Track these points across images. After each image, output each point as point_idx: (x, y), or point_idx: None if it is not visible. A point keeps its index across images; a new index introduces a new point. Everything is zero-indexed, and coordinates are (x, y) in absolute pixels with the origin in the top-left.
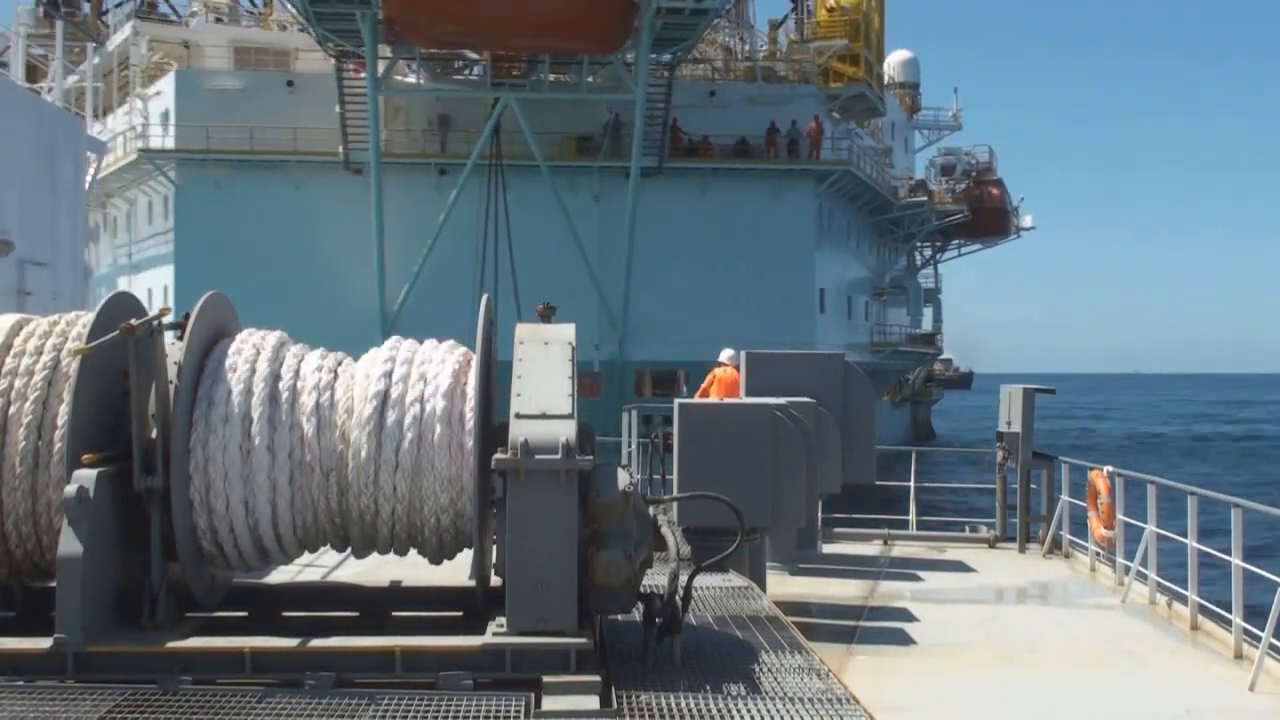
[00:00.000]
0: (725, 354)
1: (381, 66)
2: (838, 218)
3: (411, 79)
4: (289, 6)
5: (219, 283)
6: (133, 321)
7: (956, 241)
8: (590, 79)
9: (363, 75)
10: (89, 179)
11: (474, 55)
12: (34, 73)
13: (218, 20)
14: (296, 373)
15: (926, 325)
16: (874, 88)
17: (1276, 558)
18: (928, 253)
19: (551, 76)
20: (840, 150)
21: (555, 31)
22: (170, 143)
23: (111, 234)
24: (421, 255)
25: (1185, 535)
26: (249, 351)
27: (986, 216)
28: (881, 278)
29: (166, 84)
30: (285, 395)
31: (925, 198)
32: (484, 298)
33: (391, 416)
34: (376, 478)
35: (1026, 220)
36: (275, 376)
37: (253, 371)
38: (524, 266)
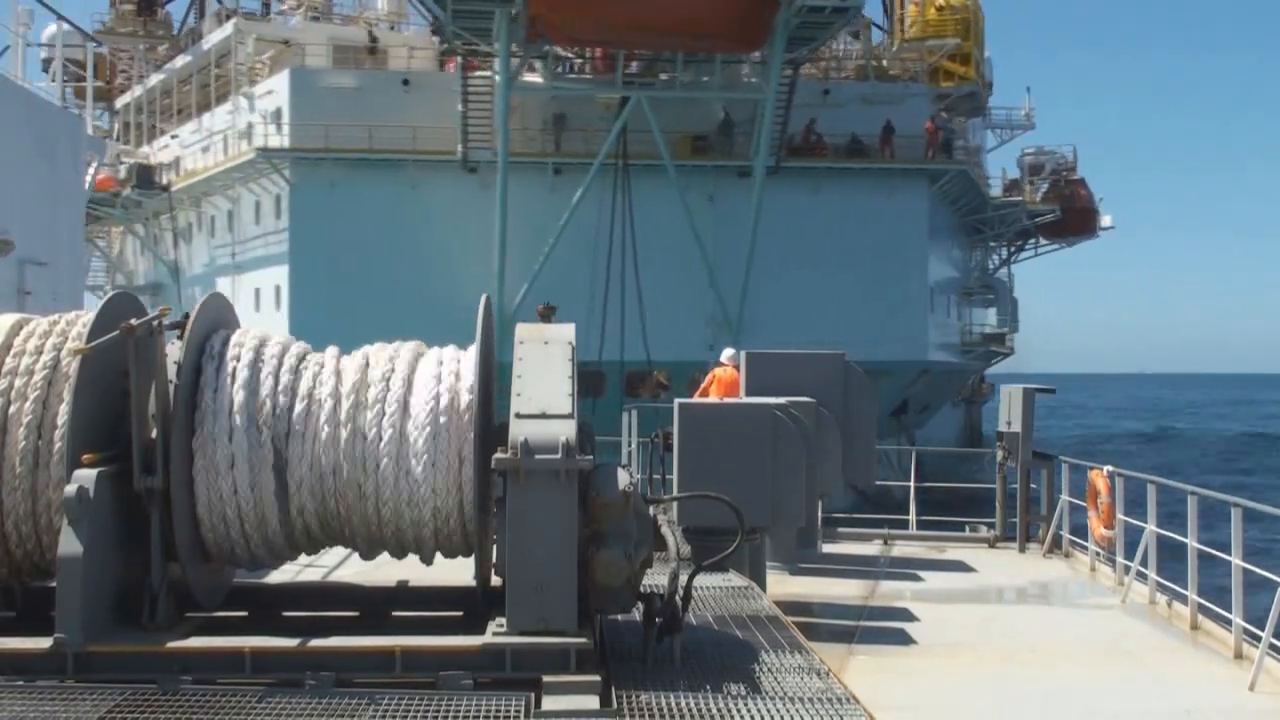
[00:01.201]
0: (726, 354)
1: (492, 65)
2: (940, 218)
3: (529, 78)
4: (420, 4)
5: (333, 283)
6: (133, 321)
7: (1035, 241)
8: (705, 79)
9: (480, 74)
10: (88, 179)
11: (579, 55)
12: (101, 71)
13: (314, 18)
14: (296, 373)
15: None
16: (981, 87)
17: (1277, 558)
18: (1003, 252)
19: (671, 76)
20: (957, 151)
21: (698, 30)
22: (281, 142)
23: (208, 233)
24: (535, 254)
25: (1185, 535)
26: (250, 351)
27: (1075, 216)
28: (967, 277)
29: (279, 83)
30: (286, 395)
31: (1021, 198)
32: (484, 297)
33: (391, 417)
34: (375, 477)
35: (1106, 220)
36: (276, 377)
37: (253, 371)
38: (642, 267)
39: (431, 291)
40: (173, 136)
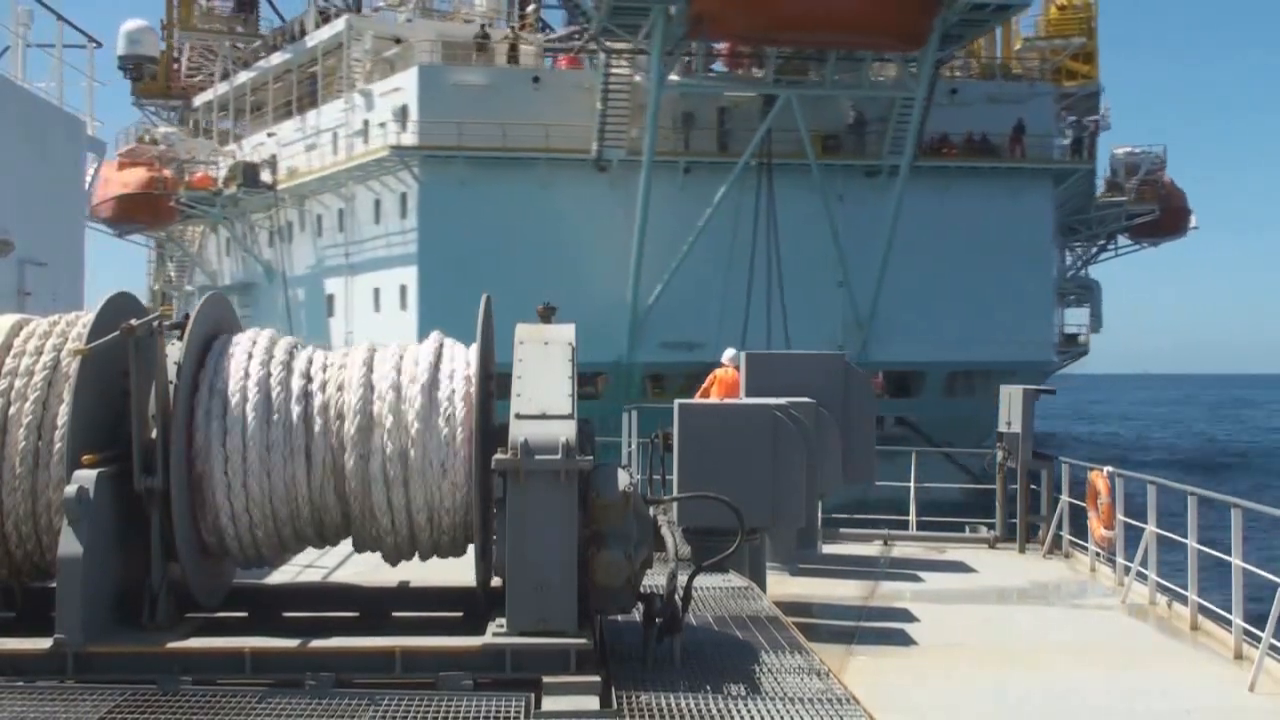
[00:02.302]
0: (727, 354)
1: (598, 62)
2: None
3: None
4: (572, 1)
5: (462, 282)
6: (133, 322)
7: (1123, 240)
8: (837, 77)
9: (619, 71)
10: (88, 178)
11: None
12: (164, 71)
13: (421, 16)
14: (296, 373)
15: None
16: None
17: (1277, 558)
18: (1083, 253)
19: (820, 74)
20: (1057, 150)
21: (862, 28)
22: (408, 139)
23: (313, 233)
24: (664, 253)
25: (1185, 535)
26: (249, 352)
27: (1170, 216)
28: (1061, 277)
29: (405, 79)
30: (285, 396)
31: (1124, 198)
32: (484, 297)
33: (391, 416)
34: (375, 477)
35: (1191, 220)
36: (275, 377)
37: (253, 372)
38: (782, 267)
39: (560, 291)
40: (269, 134)
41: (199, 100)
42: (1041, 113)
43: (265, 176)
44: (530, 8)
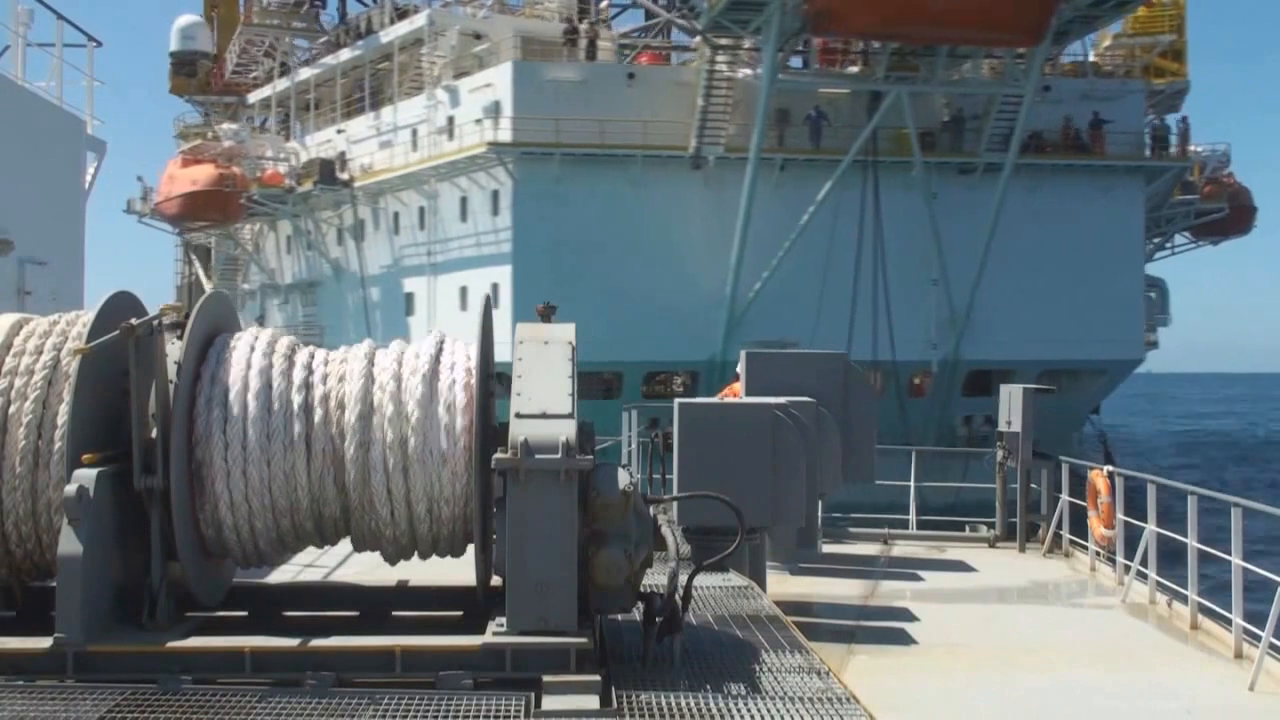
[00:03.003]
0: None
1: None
2: None
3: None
4: None
5: (557, 281)
6: (133, 321)
7: (1179, 238)
8: (939, 73)
9: (719, 68)
10: (89, 178)
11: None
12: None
13: (498, 11)
14: (296, 372)
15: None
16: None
17: (1277, 558)
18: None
19: (929, 71)
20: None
21: (983, 23)
22: (501, 136)
23: (389, 231)
24: (758, 252)
25: (1185, 535)
26: (249, 351)
27: (1237, 214)
28: None
29: (497, 75)
30: (285, 395)
31: (1196, 195)
32: (484, 297)
33: (392, 415)
34: (375, 477)
35: (1255, 219)
36: (275, 376)
37: (253, 371)
38: (859, 261)
39: (656, 290)
40: (339, 131)
41: (254, 97)
42: (1132, 110)
43: (341, 173)
44: (603, 3)
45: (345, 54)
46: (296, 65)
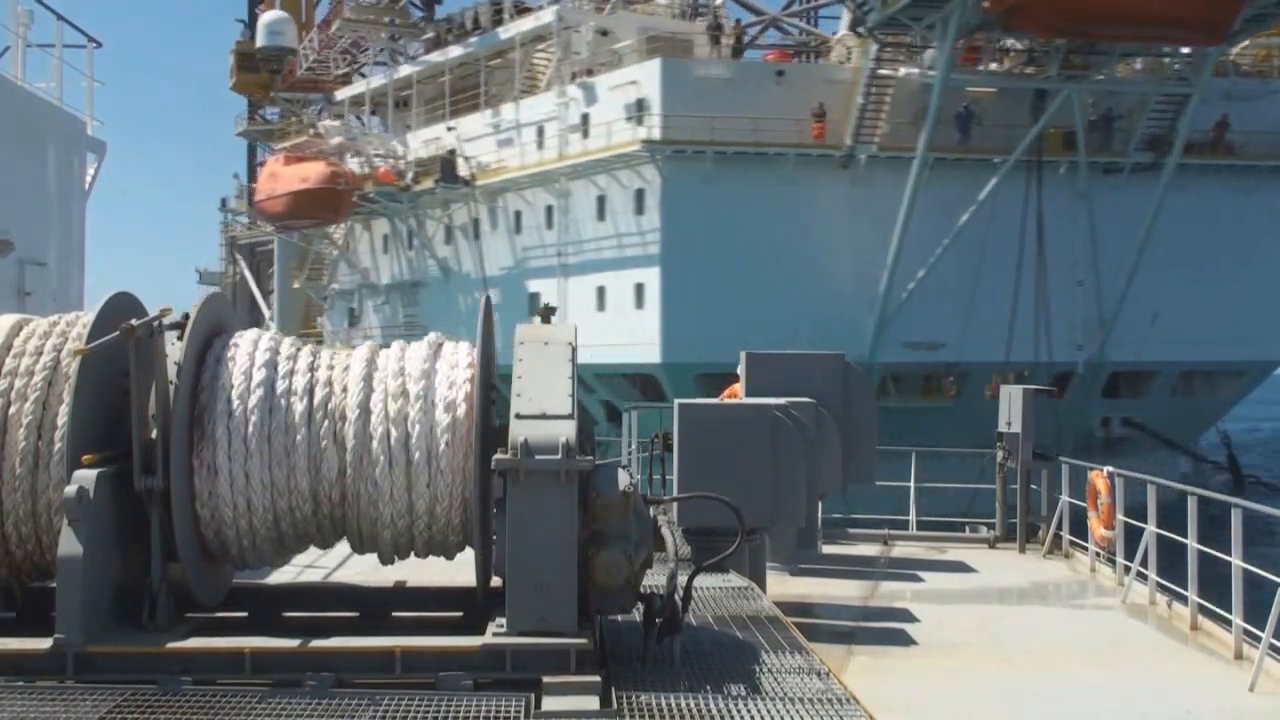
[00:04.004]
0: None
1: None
2: None
3: (907, 71)
4: None
5: (706, 281)
6: (133, 322)
7: None
8: (1103, 71)
9: (885, 66)
10: (89, 179)
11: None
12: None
13: (623, 7)
14: (296, 373)
15: None
16: None
17: (1277, 558)
18: None
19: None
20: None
21: (1173, 21)
22: (649, 134)
23: (508, 230)
24: (908, 250)
25: (1185, 535)
26: (249, 351)
27: None
28: None
29: (644, 72)
30: (285, 396)
31: None
32: (484, 298)
33: (391, 417)
34: (376, 478)
35: None
36: (275, 377)
37: (253, 372)
38: (1029, 266)
39: (803, 291)
40: (449, 128)
41: (343, 94)
42: (1274, 110)
43: (463, 171)
44: (719, 1)
45: (456, 50)
46: (396, 62)
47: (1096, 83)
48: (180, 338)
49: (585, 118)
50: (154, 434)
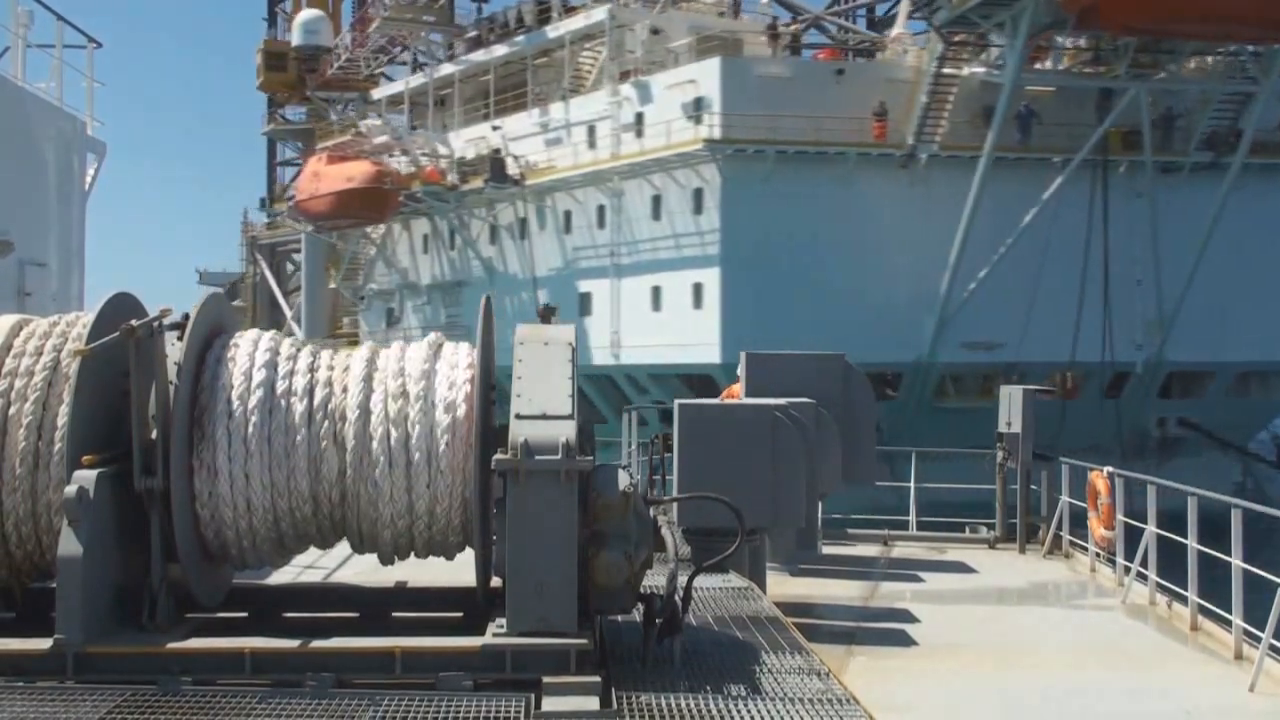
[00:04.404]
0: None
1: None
2: None
3: (970, 70)
4: None
5: (766, 281)
6: (133, 322)
7: None
8: (1164, 69)
9: (950, 65)
10: (89, 179)
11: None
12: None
13: (672, 6)
14: (296, 373)
15: None
16: None
17: (1277, 558)
18: None
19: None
20: None
21: (1259, 20)
22: (705, 133)
23: (557, 230)
24: (964, 251)
25: (1185, 535)
26: (249, 352)
27: None
28: None
29: (702, 71)
30: (285, 396)
31: None
32: (484, 298)
33: (391, 417)
34: (375, 478)
35: None
36: (275, 378)
37: (253, 372)
38: (1093, 265)
39: (862, 290)
40: (494, 127)
41: (379, 93)
42: None
43: (511, 170)
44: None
45: (501, 49)
46: (437, 60)
47: (1162, 81)
48: (180, 338)
49: (639, 117)
50: (154, 434)
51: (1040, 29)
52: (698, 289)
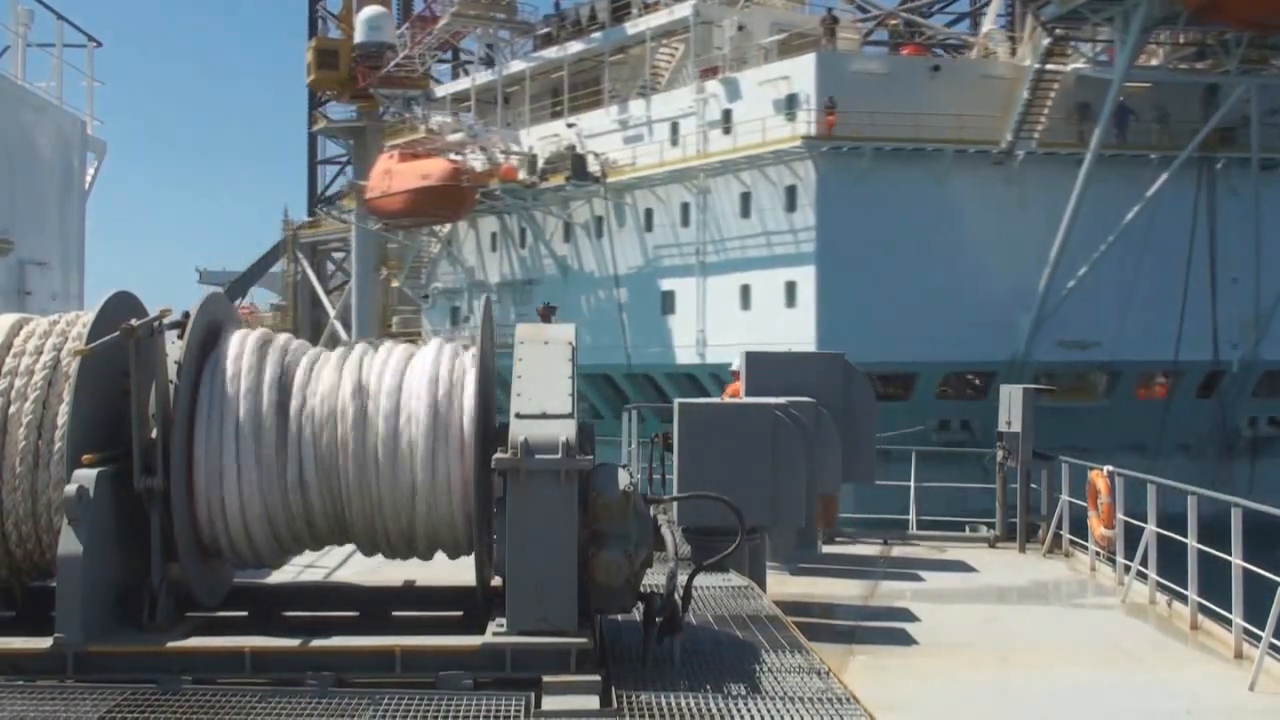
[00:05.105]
0: (734, 364)
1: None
2: None
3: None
4: None
5: (860, 280)
6: (133, 322)
7: None
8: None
9: (1053, 62)
10: (89, 178)
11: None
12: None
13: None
14: (296, 373)
15: None
16: None
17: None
18: None
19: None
20: None
21: None
22: (804, 130)
23: (637, 228)
24: (1066, 250)
25: (1185, 535)
26: (250, 351)
27: None
28: None
29: (797, 67)
30: (285, 395)
31: None
32: (484, 298)
33: (391, 416)
34: (376, 477)
35: None
36: (276, 377)
37: (254, 371)
38: (1196, 263)
39: (957, 289)
40: (569, 124)
41: (444, 90)
42: None
43: (592, 167)
44: None
45: (576, 45)
46: (506, 58)
47: (1271, 76)
48: (180, 337)
49: (727, 114)
50: (154, 434)
51: (1153, 24)
52: (790, 287)
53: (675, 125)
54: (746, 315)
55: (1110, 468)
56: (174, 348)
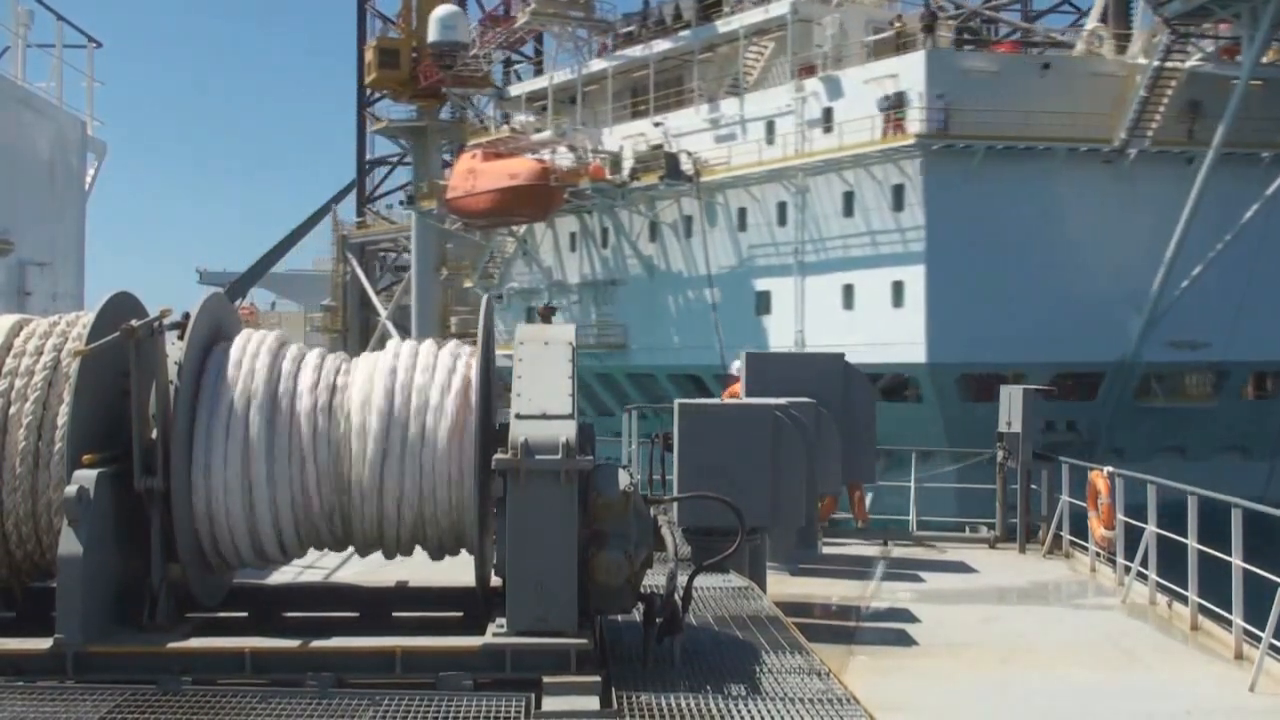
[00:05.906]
0: (734, 366)
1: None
2: None
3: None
4: None
5: (969, 280)
6: (133, 322)
7: None
8: None
9: (1173, 59)
10: (89, 179)
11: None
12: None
13: None
14: (297, 374)
15: None
16: None
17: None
18: None
19: None
20: None
21: None
22: (913, 128)
23: (729, 227)
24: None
25: (1185, 535)
26: (250, 352)
27: None
28: None
29: (905, 65)
30: (286, 396)
31: None
32: (485, 298)
33: (391, 417)
34: (376, 478)
35: None
36: (276, 378)
37: (254, 372)
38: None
39: (1065, 288)
40: (655, 123)
41: (519, 89)
42: None
43: (686, 166)
44: None
45: (663, 43)
46: (587, 56)
47: None
48: (180, 338)
49: (828, 112)
50: (154, 434)
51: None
52: (897, 287)
53: (771, 124)
54: (849, 315)
55: (1110, 468)
56: (174, 348)
